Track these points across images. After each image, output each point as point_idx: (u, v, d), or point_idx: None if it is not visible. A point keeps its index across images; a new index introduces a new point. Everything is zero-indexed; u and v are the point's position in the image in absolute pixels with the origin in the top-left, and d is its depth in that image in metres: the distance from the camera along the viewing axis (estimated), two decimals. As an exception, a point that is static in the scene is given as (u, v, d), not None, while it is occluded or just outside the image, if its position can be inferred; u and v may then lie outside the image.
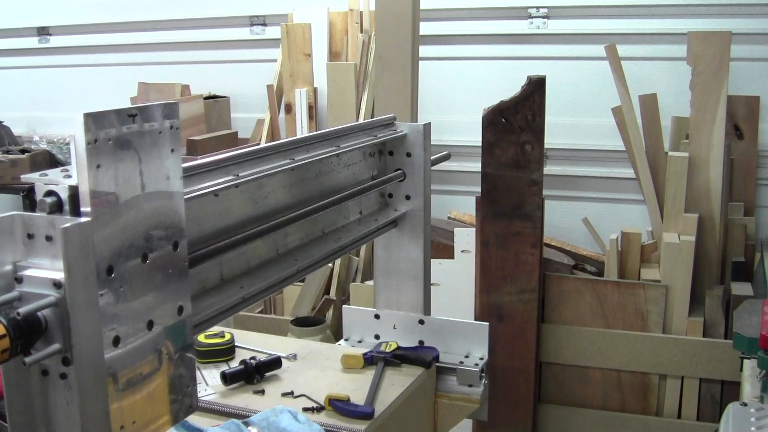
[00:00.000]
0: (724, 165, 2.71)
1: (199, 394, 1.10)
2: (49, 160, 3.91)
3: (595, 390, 2.77)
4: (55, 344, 0.78)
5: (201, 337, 1.63)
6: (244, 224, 1.19)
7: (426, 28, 3.00)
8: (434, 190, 1.73)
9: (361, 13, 3.46)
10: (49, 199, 0.80)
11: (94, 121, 0.79)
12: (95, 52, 4.16)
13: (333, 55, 3.55)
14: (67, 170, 0.83)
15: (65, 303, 0.77)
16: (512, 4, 3.35)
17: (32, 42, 4.31)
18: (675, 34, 3.08)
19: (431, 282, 1.73)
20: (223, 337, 1.66)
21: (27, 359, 0.76)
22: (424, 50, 2.95)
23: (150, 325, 0.89)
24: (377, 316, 1.73)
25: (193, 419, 1.31)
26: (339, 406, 1.40)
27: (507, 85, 2.81)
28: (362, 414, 1.38)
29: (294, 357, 1.64)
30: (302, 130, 3.40)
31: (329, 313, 3.08)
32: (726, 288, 2.68)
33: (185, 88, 3.86)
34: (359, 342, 1.76)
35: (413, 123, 1.65)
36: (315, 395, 1.45)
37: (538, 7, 3.33)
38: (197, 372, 1.06)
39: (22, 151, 3.90)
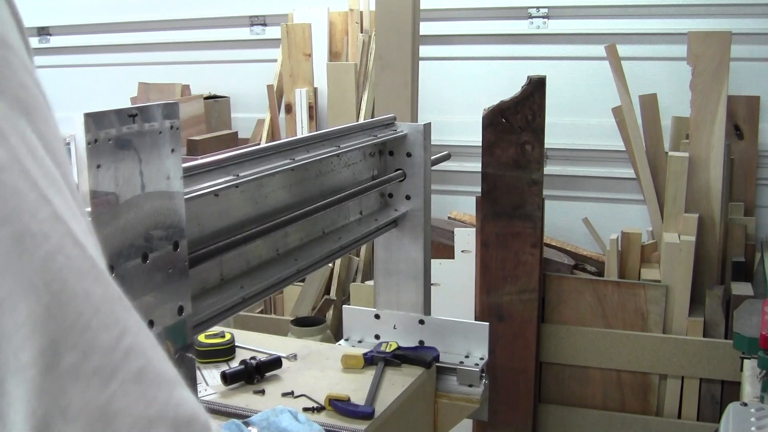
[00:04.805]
0: (724, 165, 2.71)
1: (199, 394, 1.10)
2: (49, 160, 3.90)
3: (595, 390, 2.77)
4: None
5: (201, 337, 1.63)
6: (244, 224, 1.19)
7: (426, 28, 3.00)
8: (434, 190, 1.73)
9: (361, 13, 3.46)
10: (49, 199, 0.80)
11: (94, 121, 0.79)
12: (95, 52, 4.15)
13: (333, 55, 3.55)
14: (68, 170, 0.83)
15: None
16: (512, 4, 3.35)
17: (32, 42, 4.27)
18: (675, 34, 3.08)
19: (431, 282, 1.73)
20: (223, 337, 1.66)
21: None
22: (424, 50, 2.94)
23: (150, 325, 0.89)
24: (377, 316, 1.73)
25: (193, 419, 1.30)
26: (339, 406, 1.40)
27: (507, 85, 2.81)
28: (362, 414, 1.38)
29: (294, 357, 1.64)
30: (302, 130, 3.40)
31: (329, 313, 3.08)
32: (726, 288, 2.68)
33: (185, 88, 3.85)
34: (359, 342, 1.76)
35: (413, 123, 1.65)
36: (315, 395, 1.45)
37: (538, 7, 3.32)
38: (197, 372, 1.06)
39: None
